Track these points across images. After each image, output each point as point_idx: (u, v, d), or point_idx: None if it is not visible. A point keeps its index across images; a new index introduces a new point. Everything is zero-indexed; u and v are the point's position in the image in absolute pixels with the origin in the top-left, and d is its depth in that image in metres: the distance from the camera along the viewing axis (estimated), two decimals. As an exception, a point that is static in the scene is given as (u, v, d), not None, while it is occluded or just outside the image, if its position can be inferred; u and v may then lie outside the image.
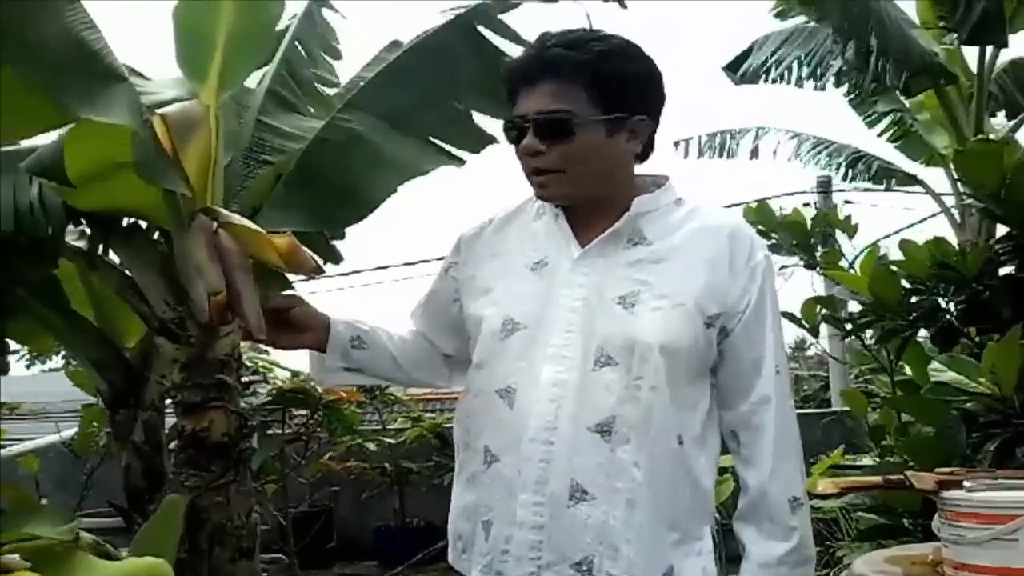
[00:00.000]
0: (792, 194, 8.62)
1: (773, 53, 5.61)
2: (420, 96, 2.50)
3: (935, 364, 2.60)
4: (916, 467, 2.54)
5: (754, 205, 3.30)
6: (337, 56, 2.94)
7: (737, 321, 1.54)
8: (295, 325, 1.75)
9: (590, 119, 1.49)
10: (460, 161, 2.45)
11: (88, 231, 2.55)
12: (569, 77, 1.49)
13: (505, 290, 1.61)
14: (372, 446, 5.41)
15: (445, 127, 2.44)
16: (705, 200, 1.65)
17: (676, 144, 7.44)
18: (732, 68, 6.04)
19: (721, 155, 7.27)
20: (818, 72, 5.17)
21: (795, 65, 5.36)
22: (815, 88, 5.20)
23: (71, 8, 1.69)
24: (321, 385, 4.08)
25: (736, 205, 6.41)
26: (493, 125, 2.44)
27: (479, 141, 2.45)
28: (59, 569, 1.22)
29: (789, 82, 5.59)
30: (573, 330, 1.52)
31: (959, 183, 5.49)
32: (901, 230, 7.31)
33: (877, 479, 2.22)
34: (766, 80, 5.75)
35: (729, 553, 1.60)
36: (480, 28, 2.49)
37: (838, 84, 5.12)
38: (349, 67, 2.99)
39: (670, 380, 1.49)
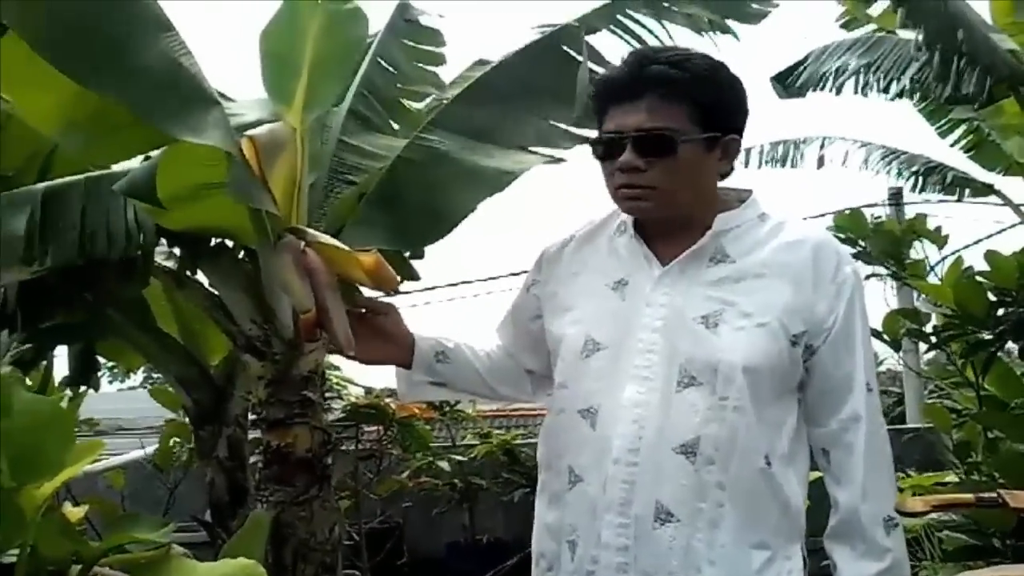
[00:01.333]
0: (863, 207, 8.43)
1: (834, 62, 5.48)
2: (503, 112, 2.53)
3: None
4: (1006, 484, 2.47)
5: (847, 213, 3.25)
6: (439, 62, 2.94)
7: (824, 339, 1.51)
8: (382, 334, 1.77)
9: (691, 136, 1.48)
10: (553, 160, 2.46)
11: (176, 251, 2.61)
12: (672, 94, 1.48)
13: (586, 309, 1.60)
14: (445, 465, 5.43)
15: (529, 139, 2.45)
16: (790, 215, 1.63)
17: None
18: (781, 79, 5.90)
19: (783, 165, 7.09)
20: (884, 82, 5.05)
21: (860, 75, 5.24)
22: (888, 99, 5.08)
23: (169, 35, 1.75)
24: (403, 400, 4.12)
25: (814, 217, 6.32)
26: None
27: (566, 141, 2.46)
28: (158, 573, 1.25)
29: (840, 93, 5.45)
30: (655, 350, 1.51)
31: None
32: (979, 241, 7.09)
33: (969, 497, 2.15)
34: (822, 91, 5.61)
35: (816, 569, 1.57)
36: (566, 48, 2.52)
37: (909, 94, 5.00)
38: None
39: (755, 400, 1.47)
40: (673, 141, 1.48)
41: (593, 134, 1.61)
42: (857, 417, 1.51)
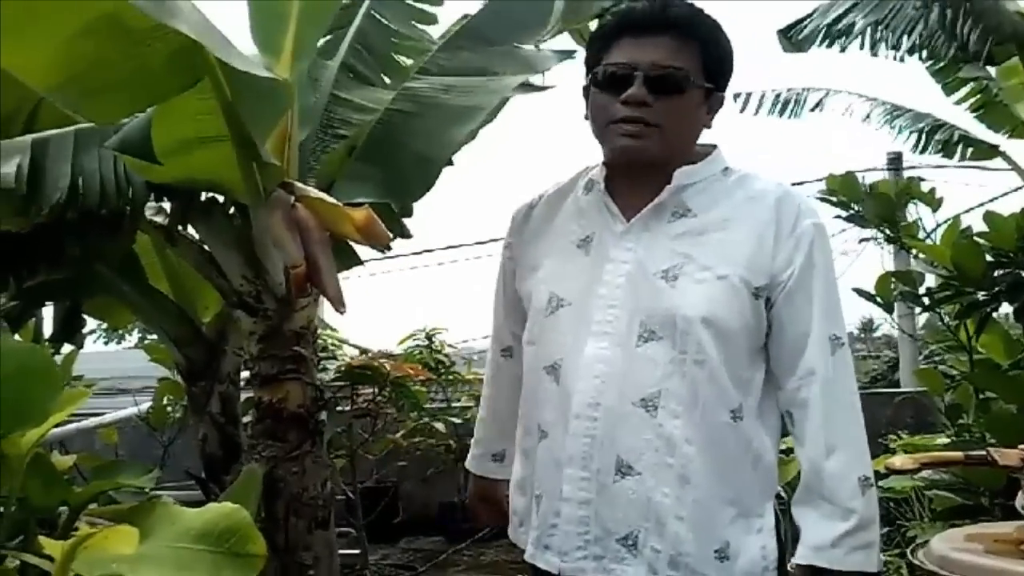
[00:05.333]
0: (862, 171, 8.36)
1: (840, 19, 5.38)
2: (487, 50, 2.53)
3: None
4: (997, 444, 2.48)
5: (839, 176, 3.21)
6: (431, 20, 2.92)
7: (780, 291, 1.50)
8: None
9: (698, 82, 1.51)
10: (536, 87, 2.44)
11: (167, 207, 2.59)
12: (690, 38, 1.51)
13: (551, 267, 1.61)
14: (440, 426, 5.44)
15: (512, 68, 2.43)
16: (754, 169, 1.61)
17: (736, 97, 6.96)
18: (786, 33, 5.79)
19: (782, 114, 6.93)
20: (893, 39, 4.97)
21: (868, 31, 5.15)
22: (896, 57, 5.00)
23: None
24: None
25: (803, 183, 6.26)
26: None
27: (550, 62, 2.45)
28: (144, 520, 1.25)
29: (845, 49, 5.34)
30: (617, 305, 1.52)
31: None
32: (984, 204, 6.99)
33: (958, 455, 2.16)
34: (829, 46, 5.50)
35: (795, 533, 1.57)
36: None
37: (915, 51, 4.92)
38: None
39: (720, 353, 1.47)
40: (687, 80, 1.49)
41: (569, 48, 1.61)
42: (812, 371, 1.49)
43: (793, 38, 5.52)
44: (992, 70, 5.71)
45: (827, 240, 1.55)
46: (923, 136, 6.36)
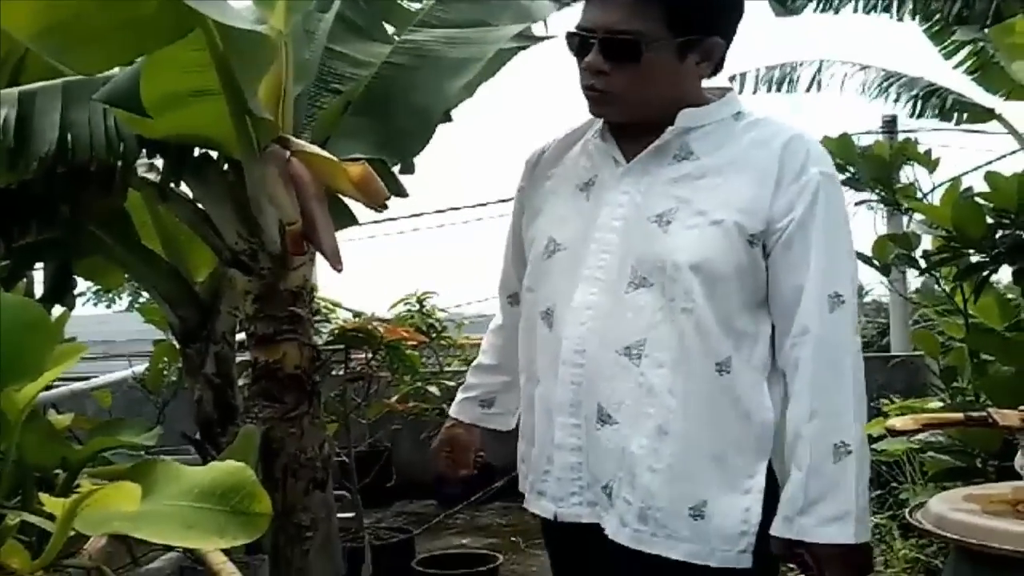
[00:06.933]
0: (858, 134, 8.30)
1: None
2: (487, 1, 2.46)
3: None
4: (993, 405, 2.48)
5: (834, 138, 3.18)
6: None
7: (777, 239, 1.42)
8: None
9: (662, 41, 1.42)
10: (534, 38, 2.40)
11: (159, 163, 2.55)
12: None
13: (552, 211, 1.58)
14: (435, 390, 5.42)
15: (510, 18, 2.37)
16: (771, 114, 1.53)
17: (731, 79, 6.98)
18: None
19: (779, 89, 6.90)
20: (887, 0, 4.92)
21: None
22: (892, 18, 4.94)
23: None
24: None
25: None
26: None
27: (549, 10, 2.41)
28: (146, 479, 1.23)
29: (839, 12, 5.27)
30: (610, 250, 1.48)
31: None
32: (980, 167, 6.96)
33: (959, 416, 2.15)
34: (825, 9, 5.42)
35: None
36: None
37: (913, 14, 4.86)
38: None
39: (708, 302, 1.41)
40: (638, 47, 1.41)
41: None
42: (806, 329, 1.41)
43: (786, 2, 5.47)
44: (989, 33, 5.66)
45: (837, 191, 1.48)
46: (918, 101, 6.34)
